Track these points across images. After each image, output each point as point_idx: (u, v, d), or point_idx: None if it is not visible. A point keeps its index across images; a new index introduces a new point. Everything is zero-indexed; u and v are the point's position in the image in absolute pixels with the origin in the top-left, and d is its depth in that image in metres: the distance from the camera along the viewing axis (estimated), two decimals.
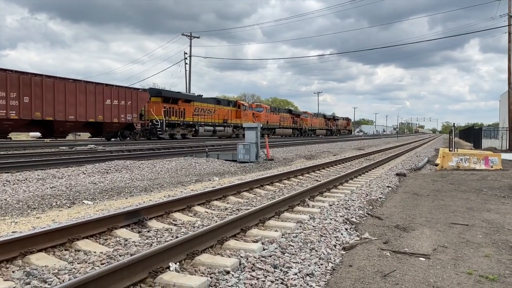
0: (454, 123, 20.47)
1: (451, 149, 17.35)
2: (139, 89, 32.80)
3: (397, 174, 12.96)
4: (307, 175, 12.59)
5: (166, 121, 34.22)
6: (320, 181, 10.94)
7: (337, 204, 7.56)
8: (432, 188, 10.40)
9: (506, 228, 6.10)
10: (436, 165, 16.61)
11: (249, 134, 17.39)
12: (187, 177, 11.95)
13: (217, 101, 43.79)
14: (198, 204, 7.30)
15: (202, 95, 41.61)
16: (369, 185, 10.47)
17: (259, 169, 15.05)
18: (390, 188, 10.17)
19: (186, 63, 52.55)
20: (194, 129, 38.56)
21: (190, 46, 52.56)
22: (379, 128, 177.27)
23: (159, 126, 33.48)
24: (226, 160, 16.75)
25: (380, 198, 8.70)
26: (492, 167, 15.31)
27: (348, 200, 8.01)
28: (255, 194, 8.95)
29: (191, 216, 6.67)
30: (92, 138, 33.45)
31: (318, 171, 13.66)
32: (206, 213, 6.86)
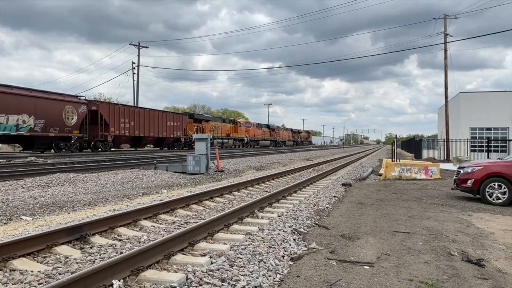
0: (396, 135, 21.39)
1: (393, 159, 18.08)
2: (185, 113, 47.93)
3: (343, 184, 13.31)
4: (257, 186, 12.63)
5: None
6: (269, 192, 11.02)
7: (286, 215, 7.62)
8: (376, 197, 10.76)
9: (444, 235, 6.41)
10: (380, 175, 17.26)
11: (199, 146, 17.23)
12: (133, 190, 11.66)
13: (223, 120, 57.52)
14: (145, 218, 7.11)
15: (212, 115, 53.94)
16: (317, 195, 10.66)
17: (209, 180, 14.93)
18: (336, 198, 10.41)
19: (134, 73, 51.35)
20: (211, 141, 48.09)
21: (138, 55, 51.47)
22: (326, 139, 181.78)
23: (191, 139, 43.22)
24: (176, 172, 16.47)
25: (327, 208, 8.87)
26: (431, 176, 16.13)
27: (296, 211, 8.10)
28: (204, 207, 8.85)
29: (137, 230, 6.47)
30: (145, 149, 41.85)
31: (268, 182, 13.75)
32: (152, 227, 6.68)
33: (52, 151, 28.07)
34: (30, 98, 25.07)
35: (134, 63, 51.71)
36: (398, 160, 18.30)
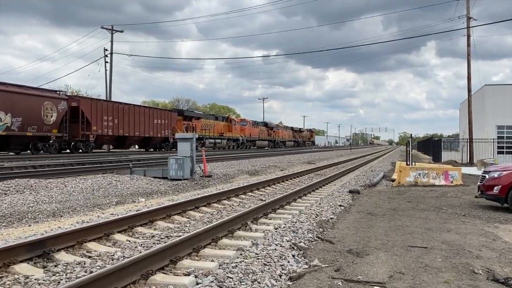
0: (411, 134, 21.55)
1: (408, 162, 18.17)
2: (173, 110, 48.43)
3: (350, 191, 13.35)
4: (250, 193, 12.64)
5: None
6: (265, 200, 11.02)
7: (284, 227, 7.62)
8: (388, 206, 10.81)
9: (467, 250, 6.44)
10: (393, 180, 17.33)
11: (183, 146, 17.20)
12: (106, 199, 11.62)
13: (215, 117, 57.63)
14: (119, 232, 7.09)
15: (203, 112, 53.75)
16: (320, 204, 10.69)
17: (194, 187, 14.93)
18: (342, 207, 10.45)
19: (107, 62, 51.14)
20: (202, 142, 48.82)
21: (112, 41, 51.27)
22: (331, 139, 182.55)
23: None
24: (155, 177, 16.42)
25: (331, 219, 8.90)
26: (452, 182, 16.23)
27: (296, 222, 8.11)
28: (188, 218, 8.84)
29: (109, 246, 6.45)
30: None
31: (263, 189, 13.77)
32: (128, 242, 6.66)
33: (29, 152, 28.36)
34: (6, 93, 25.27)
35: (106, 50, 51.53)
36: (413, 163, 18.38)
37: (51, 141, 29.41)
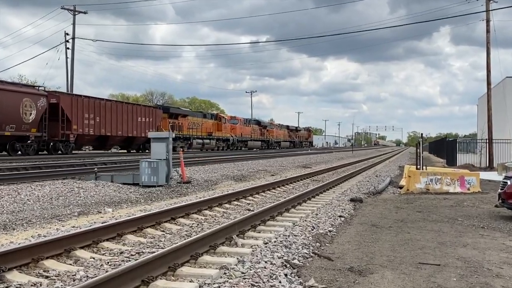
0: (422, 134, 21.71)
1: (418, 166, 18.28)
2: (158, 106, 51.16)
3: (351, 200, 13.41)
4: (236, 202, 12.64)
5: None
6: (253, 210, 11.03)
7: (275, 242, 7.63)
8: (395, 217, 10.89)
9: (486, 268, 6.50)
10: (401, 187, 17.43)
11: (157, 148, 17.11)
12: (66, 209, 11.54)
13: (203, 114, 59.74)
14: (82, 247, 7.04)
15: (191, 109, 56.62)
16: (317, 214, 10.72)
17: (170, 195, 14.91)
18: (342, 218, 10.49)
19: (68, 48, 50.98)
20: (189, 142, 52.18)
21: (74, 24, 51.04)
22: (330, 139, 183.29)
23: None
24: (125, 183, 16.33)
25: (330, 231, 8.93)
26: (469, 189, 16.37)
27: (289, 236, 8.12)
28: (163, 231, 8.82)
29: (70, 264, 6.40)
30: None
31: (250, 197, 13.78)
32: (92, 259, 6.62)
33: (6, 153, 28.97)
34: None
35: (67, 34, 51.34)
36: (424, 167, 18.51)
37: (29, 141, 29.93)
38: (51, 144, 32.57)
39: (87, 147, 42.63)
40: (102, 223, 8.82)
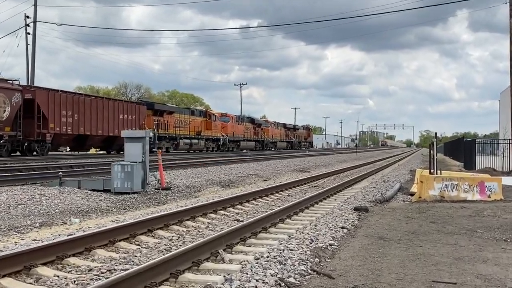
0: (436, 133, 21.68)
1: (432, 170, 18.23)
2: (142, 102, 51.81)
3: (355, 209, 13.31)
4: (223, 212, 12.58)
5: (157, 134, 47.35)
6: (242, 221, 10.97)
7: (267, 257, 7.54)
8: (405, 229, 10.77)
9: (509, 287, 6.39)
10: (412, 194, 17.38)
11: (132, 148, 16.89)
12: (26, 219, 11.45)
13: (191, 111, 60.24)
14: (44, 264, 6.93)
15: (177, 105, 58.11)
16: (316, 225, 10.64)
17: (147, 203, 14.85)
18: (345, 230, 10.40)
19: (29, 33, 50.78)
20: (176, 142, 53.15)
21: (35, 5, 50.81)
22: (330, 139, 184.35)
23: (152, 139, 41.58)
24: (94, 190, 16.12)
25: (330, 245, 8.83)
26: (489, 197, 16.29)
27: (283, 250, 8.03)
28: (139, 245, 8.75)
29: (30, 283, 6.29)
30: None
31: (240, 206, 13.73)
32: (56, 278, 6.50)
33: None
34: None
35: (28, 17, 51.14)
36: (439, 171, 18.44)
37: (2, 141, 30.18)
38: (26, 144, 32.84)
39: (64, 148, 43.47)
40: (67, 235, 8.75)
